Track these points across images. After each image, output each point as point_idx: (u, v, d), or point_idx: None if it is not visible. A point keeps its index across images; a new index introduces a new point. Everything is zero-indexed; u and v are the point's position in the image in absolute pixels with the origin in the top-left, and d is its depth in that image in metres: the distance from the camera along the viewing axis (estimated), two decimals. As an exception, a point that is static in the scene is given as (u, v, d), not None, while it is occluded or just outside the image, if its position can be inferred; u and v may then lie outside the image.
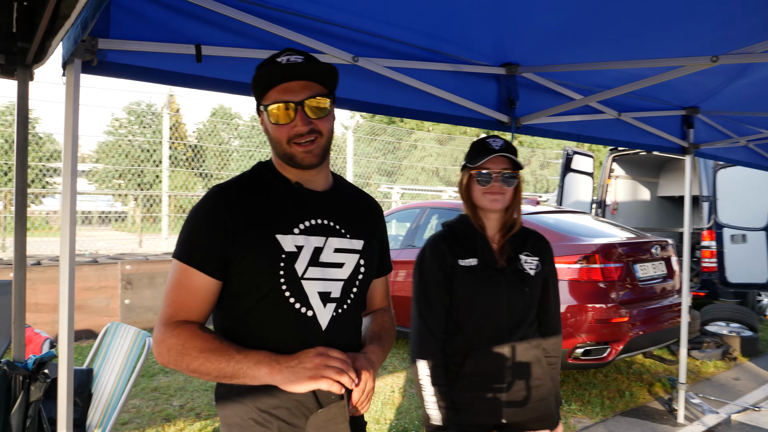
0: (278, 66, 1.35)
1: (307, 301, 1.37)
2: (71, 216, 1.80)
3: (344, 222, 1.48)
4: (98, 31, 1.89)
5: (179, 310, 1.33)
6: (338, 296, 1.42)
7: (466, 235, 2.01)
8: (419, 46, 2.70)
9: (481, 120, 3.12)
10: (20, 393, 1.86)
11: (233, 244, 1.33)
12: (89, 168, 33.33)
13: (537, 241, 2.06)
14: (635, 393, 4.98)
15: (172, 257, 1.37)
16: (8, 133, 23.12)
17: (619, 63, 2.83)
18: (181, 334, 1.29)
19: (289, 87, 1.36)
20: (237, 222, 1.34)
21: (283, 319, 1.35)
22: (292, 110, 1.35)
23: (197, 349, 1.27)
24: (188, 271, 1.33)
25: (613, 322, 4.53)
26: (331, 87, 1.42)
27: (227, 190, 1.40)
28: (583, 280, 4.61)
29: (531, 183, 34.26)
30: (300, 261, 1.37)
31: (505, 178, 1.94)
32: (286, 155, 1.39)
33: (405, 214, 6.91)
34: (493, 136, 2.02)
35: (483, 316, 1.93)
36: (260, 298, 1.35)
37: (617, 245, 4.88)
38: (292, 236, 1.37)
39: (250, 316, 1.36)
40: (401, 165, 25.77)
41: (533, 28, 2.67)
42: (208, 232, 1.34)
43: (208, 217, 1.35)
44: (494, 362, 1.92)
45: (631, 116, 3.78)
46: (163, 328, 1.32)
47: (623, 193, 9.05)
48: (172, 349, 1.28)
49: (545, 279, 2.03)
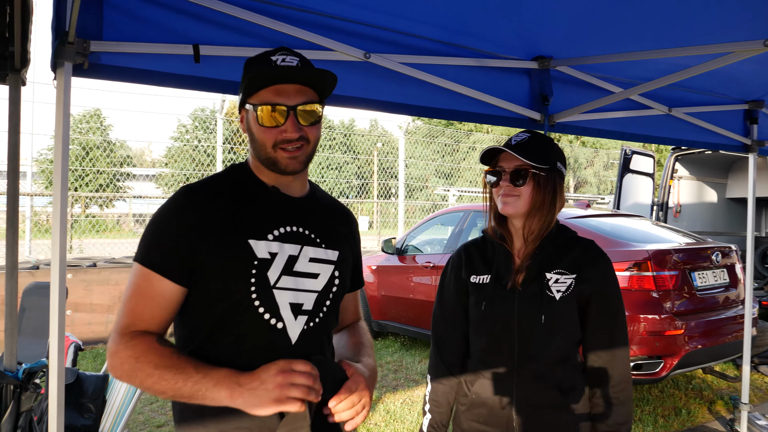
0: (274, 66, 1.29)
1: (277, 313, 1.29)
2: (62, 219, 1.75)
3: (320, 231, 1.40)
4: (90, 33, 1.84)
5: (137, 319, 1.24)
6: (310, 309, 1.33)
7: (492, 247, 1.75)
8: (439, 40, 2.54)
9: (511, 118, 2.93)
10: (11, 402, 1.85)
11: (201, 249, 1.26)
12: (157, 172, 34.75)
13: (581, 255, 1.67)
14: (693, 411, 4.61)
15: (133, 261, 1.29)
16: (83, 140, 24.45)
17: (661, 52, 2.57)
18: (137, 346, 1.20)
19: (283, 90, 1.29)
20: (206, 225, 1.27)
21: (250, 330, 1.27)
22: (283, 114, 1.28)
23: (152, 365, 1.18)
24: (150, 277, 1.25)
25: (667, 334, 4.20)
26: (324, 94, 1.37)
27: (197, 190, 1.32)
28: (634, 288, 4.30)
29: (594, 185, 33.22)
30: (273, 269, 1.29)
31: (515, 175, 1.63)
32: (269, 159, 1.32)
33: (448, 217, 6.72)
34: (521, 132, 1.74)
35: (489, 343, 1.68)
36: (228, 307, 1.27)
37: (672, 251, 4.52)
38: (265, 242, 1.30)
39: (216, 326, 1.28)
40: (459, 167, 25.51)
41: (567, 17, 2.46)
42: (173, 235, 1.26)
43: (174, 218, 1.28)
44: (499, 400, 1.64)
45: (684, 112, 3.48)
46: (118, 338, 1.22)
47: (687, 194, 8.51)
48: (125, 363, 1.20)
49: (585, 304, 1.63)
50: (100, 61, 1.90)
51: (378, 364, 5.93)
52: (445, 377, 1.76)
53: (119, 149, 30.15)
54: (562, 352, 1.62)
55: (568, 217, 5.04)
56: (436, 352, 1.80)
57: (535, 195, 1.64)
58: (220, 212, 1.29)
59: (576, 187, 34.36)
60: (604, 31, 2.55)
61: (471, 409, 1.71)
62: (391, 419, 4.46)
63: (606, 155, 29.20)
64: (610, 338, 1.64)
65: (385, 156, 21.08)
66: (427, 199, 23.64)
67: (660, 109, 3.35)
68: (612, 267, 1.71)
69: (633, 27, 2.51)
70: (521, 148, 1.64)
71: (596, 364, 1.63)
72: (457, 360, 1.76)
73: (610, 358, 1.63)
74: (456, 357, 1.76)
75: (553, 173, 1.66)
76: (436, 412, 1.77)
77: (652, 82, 2.83)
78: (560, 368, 1.62)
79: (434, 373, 1.79)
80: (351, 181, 33.87)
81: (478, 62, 2.69)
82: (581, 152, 30.54)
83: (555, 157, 1.67)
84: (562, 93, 2.96)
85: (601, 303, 1.64)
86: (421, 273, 6.31)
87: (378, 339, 7.12)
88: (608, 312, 1.66)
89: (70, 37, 1.72)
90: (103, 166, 25.10)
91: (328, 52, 2.27)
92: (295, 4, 2.13)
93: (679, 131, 3.60)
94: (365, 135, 36.25)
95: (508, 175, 1.64)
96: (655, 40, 2.60)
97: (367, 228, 24.06)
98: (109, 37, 1.89)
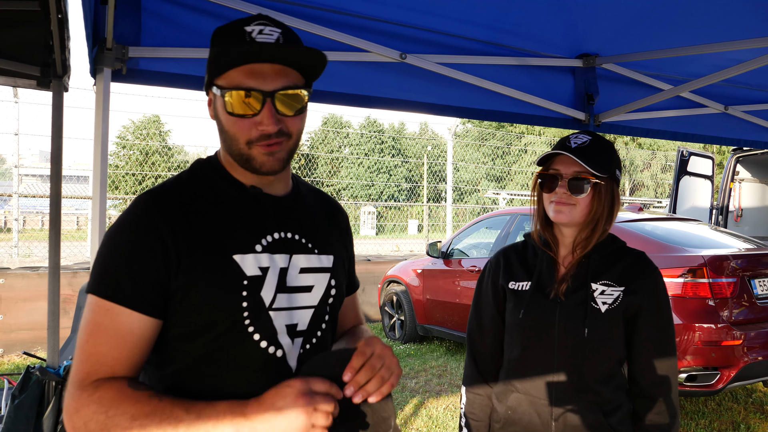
0: (248, 41, 1.02)
1: (275, 339, 1.06)
2: (101, 222, 1.80)
3: (311, 234, 1.17)
4: (129, 40, 1.89)
5: (99, 365, 0.97)
6: (305, 328, 1.11)
7: (534, 252, 1.65)
8: (478, 39, 2.50)
9: (554, 119, 2.85)
10: (53, 398, 1.91)
11: (176, 270, 1.01)
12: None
13: (631, 266, 1.55)
14: (753, 426, 4.35)
15: (86, 293, 1.02)
16: (143, 145, 25.43)
17: (713, 46, 2.44)
18: (104, 397, 0.94)
19: (259, 70, 1.02)
20: (179, 239, 1.02)
21: (246, 363, 1.04)
22: (258, 101, 1.02)
23: (128, 416, 0.92)
24: (111, 311, 0.98)
25: (724, 345, 3.98)
26: (311, 75, 1.10)
27: (162, 196, 1.06)
28: (689, 296, 4.09)
29: (651, 188, 32.11)
30: (266, 287, 1.06)
31: (574, 183, 1.50)
32: (242, 156, 1.06)
33: (495, 221, 6.61)
34: (580, 132, 1.59)
35: (525, 354, 1.57)
36: (215, 339, 1.03)
37: (730, 257, 4.29)
38: (254, 255, 1.06)
39: (201, 363, 1.04)
40: (510, 170, 25.14)
41: (612, 13, 2.37)
42: (138, 255, 1.00)
43: (137, 234, 1.01)
44: (538, 416, 1.53)
45: (742, 110, 3.30)
46: (77, 393, 0.96)
47: (749, 198, 8.10)
48: (91, 421, 0.93)
49: (632, 319, 1.52)
50: (139, 66, 1.96)
51: (422, 369, 5.90)
52: (481, 387, 1.68)
53: (177, 154, 31.21)
54: (605, 369, 1.52)
55: (619, 221, 4.86)
56: (471, 362, 1.72)
57: (592, 205, 1.52)
58: (195, 222, 1.05)
59: (632, 190, 33.27)
60: (651, 26, 2.44)
61: (506, 427, 1.61)
62: (434, 425, 4.40)
63: (664, 157, 28.19)
64: (658, 358, 1.52)
65: (435, 159, 21.00)
66: (477, 203, 23.42)
67: (715, 108, 3.19)
68: (663, 281, 1.59)
69: (681, 21, 2.40)
70: (582, 152, 1.50)
71: (642, 385, 1.53)
72: (494, 369, 1.68)
73: (658, 380, 1.52)
74: (492, 366, 1.68)
75: (612, 182, 1.54)
76: (475, 426, 1.68)
77: (703, 78, 2.69)
78: (603, 387, 1.51)
79: (470, 382, 1.71)
80: (401, 184, 33.92)
81: (520, 61, 2.63)
82: (637, 154, 29.58)
83: (615, 165, 1.55)
84: (608, 91, 2.86)
85: (651, 319, 1.53)
86: (466, 277, 6.23)
87: (423, 343, 7.07)
88: (658, 329, 1.53)
89: (109, 44, 1.78)
90: (162, 170, 26.03)
91: (362, 53, 2.26)
92: (329, 6, 2.13)
93: (738, 130, 3.43)
94: (415, 138, 36.24)
95: (566, 182, 1.51)
96: (706, 34, 2.47)
97: (417, 231, 24.04)
98: (147, 43, 1.94)
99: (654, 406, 1.50)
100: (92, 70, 1.82)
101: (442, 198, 18.14)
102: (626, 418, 1.53)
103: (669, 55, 2.60)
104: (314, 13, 2.14)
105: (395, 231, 24.43)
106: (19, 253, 9.67)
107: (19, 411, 1.86)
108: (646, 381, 1.52)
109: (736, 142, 3.49)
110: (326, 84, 2.30)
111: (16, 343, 6.62)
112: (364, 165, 36.16)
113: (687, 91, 2.90)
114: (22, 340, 6.62)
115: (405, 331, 7.11)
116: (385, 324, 7.51)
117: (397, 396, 5.09)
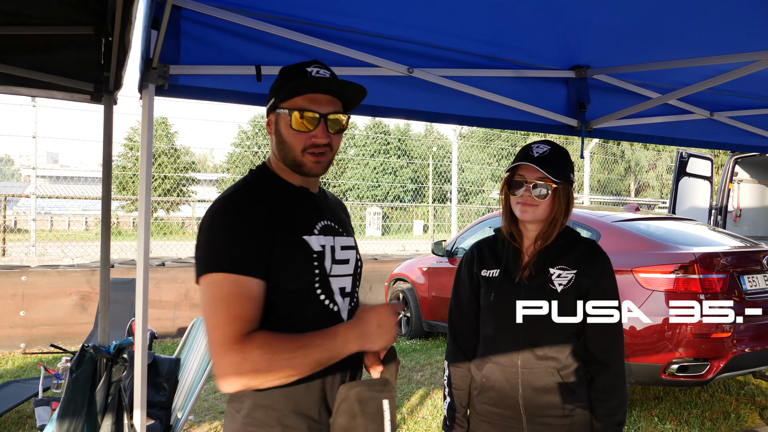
0: (311, 77, 1.39)
1: (333, 297, 1.43)
2: (146, 223, 2.05)
3: (338, 222, 1.54)
4: (169, 58, 2.14)
5: (245, 323, 1.25)
6: (350, 290, 1.49)
7: (503, 244, 1.93)
8: (478, 54, 2.72)
9: (548, 125, 3.08)
10: (104, 373, 2.17)
11: (273, 244, 1.33)
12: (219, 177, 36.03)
13: (583, 252, 1.83)
14: (743, 416, 4.58)
15: (209, 272, 1.28)
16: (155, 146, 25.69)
17: (698, 60, 2.65)
18: (264, 344, 1.24)
19: (316, 98, 1.40)
20: (272, 222, 1.34)
21: (316, 316, 1.39)
22: (314, 121, 1.39)
23: (288, 349, 1.24)
24: (238, 281, 1.27)
25: (714, 337, 4.20)
26: (350, 106, 1.48)
27: (248, 189, 1.41)
28: (680, 291, 4.32)
29: (656, 188, 32.18)
30: (327, 259, 1.42)
31: (538, 188, 1.79)
32: (296, 162, 1.41)
33: (498, 220, 6.81)
34: (541, 142, 1.87)
35: (497, 330, 1.85)
36: (296, 299, 1.37)
37: (721, 254, 4.52)
38: (315, 237, 1.42)
39: (287, 317, 1.36)
40: (515, 171, 25.19)
41: (603, 28, 2.59)
42: (249, 233, 1.30)
43: (246, 217, 1.32)
44: (507, 381, 1.82)
45: (727, 116, 3.52)
46: (237, 346, 1.22)
47: (748, 198, 8.30)
48: (260, 361, 1.22)
49: (584, 295, 1.80)
50: (178, 82, 2.21)
51: (427, 362, 6.15)
52: (462, 362, 1.95)
53: (184, 155, 31.54)
54: (562, 340, 1.79)
55: (615, 220, 5.09)
56: (452, 340, 2.01)
57: (553, 205, 1.82)
58: (275, 209, 1.37)
59: (637, 191, 33.38)
60: (640, 40, 2.65)
61: (482, 393, 1.89)
62: (438, 414, 4.64)
63: (669, 158, 28.28)
64: (606, 329, 1.80)
65: (441, 160, 21.16)
66: (482, 203, 23.56)
67: (701, 114, 3.41)
68: (610, 264, 1.87)
69: (669, 35, 2.60)
70: (543, 162, 1.79)
71: (594, 352, 1.80)
72: (473, 346, 1.94)
73: (607, 347, 1.80)
74: (471, 343, 1.95)
75: (568, 185, 1.83)
76: (456, 395, 1.95)
77: (689, 87, 2.89)
78: (560, 354, 1.78)
79: (452, 358, 1.98)
80: (406, 185, 34.11)
81: (517, 73, 2.86)
82: (642, 155, 29.66)
83: (569, 170, 1.84)
84: (599, 100, 3.08)
85: (599, 296, 1.80)
86: (470, 275, 6.45)
87: (428, 339, 7.31)
88: (605, 304, 1.81)
89: (154, 63, 2.03)
90: (169, 171, 26.35)
91: (373, 68, 2.51)
92: (344, 26, 2.38)
93: (723, 135, 3.64)
94: (420, 139, 36.41)
95: (530, 187, 1.80)
96: (692, 48, 2.68)
97: (422, 232, 24.24)
98: (185, 62, 2.19)
99: (604, 370, 1.78)
100: (140, 86, 2.07)
101: (448, 199, 18.34)
102: (582, 380, 1.80)
103: (657, 68, 2.82)
104: (330, 32, 2.38)
105: (401, 231, 24.63)
106: (36, 252, 9.96)
107: (77, 383, 2.12)
108: (597, 350, 1.80)
109: (721, 145, 3.71)
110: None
111: (38, 338, 6.89)
112: (369, 166, 36.42)
113: (674, 99, 3.12)
114: (43, 336, 6.89)
115: (411, 327, 7.36)
116: (391, 320, 7.73)
117: (404, 388, 5.34)
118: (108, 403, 2.16)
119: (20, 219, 18.86)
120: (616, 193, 23.62)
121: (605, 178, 22.94)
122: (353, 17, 2.35)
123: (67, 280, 7.14)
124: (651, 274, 4.39)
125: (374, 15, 2.34)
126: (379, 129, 39.08)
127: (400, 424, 4.43)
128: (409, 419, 4.54)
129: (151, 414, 2.66)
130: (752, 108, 3.57)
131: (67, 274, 7.22)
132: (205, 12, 2.12)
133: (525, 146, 1.90)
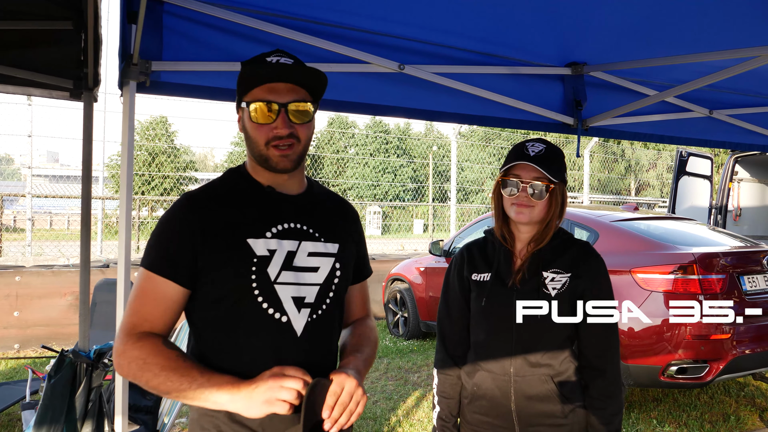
0: (267, 65, 1.32)
1: (280, 307, 1.33)
2: (127, 220, 1.99)
3: (318, 226, 1.44)
4: (152, 54, 2.08)
5: (143, 320, 1.29)
6: (313, 301, 1.38)
7: (494, 247, 1.84)
8: (471, 50, 2.67)
9: (544, 123, 3.02)
10: (84, 378, 2.11)
11: (203, 251, 1.31)
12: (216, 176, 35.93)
13: (577, 254, 1.76)
14: (743, 418, 4.52)
15: (140, 266, 1.34)
16: (150, 146, 25.69)
17: (696, 56, 2.59)
18: (144, 347, 1.25)
19: (275, 87, 1.33)
20: (206, 229, 1.32)
21: (256, 325, 1.32)
22: (274, 112, 1.32)
23: (159, 366, 1.23)
24: (154, 279, 1.30)
25: (713, 338, 4.14)
26: (316, 94, 1.40)
27: (197, 197, 1.38)
28: (679, 291, 4.26)
29: (657, 188, 32.10)
30: (272, 265, 1.34)
31: (534, 189, 1.70)
32: (262, 157, 1.36)
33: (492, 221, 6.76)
34: (535, 140, 1.79)
35: (488, 336, 1.77)
36: (232, 305, 1.32)
37: (720, 254, 4.45)
38: (264, 240, 1.34)
39: (223, 324, 1.33)
40: (515, 170, 25.12)
41: (600, 25, 2.54)
42: (175, 240, 1.31)
43: (176, 224, 1.33)
44: (499, 389, 1.74)
45: (726, 114, 3.46)
46: (125, 338, 1.28)
47: (748, 197, 8.24)
48: (132, 362, 1.25)
49: (578, 299, 1.72)
50: (161, 78, 2.15)
51: (424, 364, 6.09)
52: (451, 369, 1.87)
53: (183, 154, 31.49)
54: (556, 345, 1.71)
55: (614, 220, 5.03)
56: (441, 347, 1.91)
57: (549, 206, 1.74)
58: (219, 215, 1.34)
59: (637, 190, 33.30)
60: (638, 36, 2.60)
61: (473, 402, 1.81)
62: (434, 416, 4.59)
63: (669, 157, 28.20)
64: (602, 332, 1.73)
65: (441, 159, 21.10)
66: (482, 203, 23.50)
67: (700, 112, 3.35)
68: (605, 266, 1.80)
69: (666, 32, 2.55)
70: (541, 161, 1.70)
71: (589, 357, 1.73)
72: (462, 352, 1.86)
73: (603, 352, 1.73)
74: (461, 350, 1.87)
75: (563, 185, 1.75)
76: (445, 404, 1.87)
77: (686, 84, 2.83)
78: (554, 361, 1.71)
79: (441, 365, 1.90)
80: (406, 184, 34.05)
81: (511, 70, 2.80)
82: (643, 154, 29.59)
83: (564, 170, 1.76)
84: (596, 97, 3.02)
85: (594, 298, 1.73)
86: (467, 275, 6.39)
87: (426, 339, 7.26)
88: (600, 308, 1.73)
89: (134, 59, 1.97)
90: (168, 170, 26.29)
91: (364, 65, 2.44)
92: (333, 22, 2.32)
93: (723, 133, 3.58)
94: (420, 138, 36.35)
95: (526, 187, 1.70)
96: (691, 45, 2.62)
97: (422, 231, 24.18)
98: (168, 58, 2.13)
99: (600, 376, 1.71)
100: (120, 82, 2.01)
101: (448, 198, 18.28)
102: (577, 387, 1.73)
103: (654, 64, 2.76)
104: (319, 28, 2.32)
105: (400, 231, 24.57)
106: (32, 251, 9.90)
107: (55, 389, 2.06)
108: (592, 354, 1.72)
109: (721, 144, 3.64)
110: (331, 93, 2.47)
111: (32, 338, 6.84)
112: (369, 165, 36.35)
113: (672, 96, 3.06)
114: (38, 336, 6.84)
115: (408, 327, 7.30)
116: (389, 321, 7.69)
117: (400, 389, 5.28)
118: (88, 410, 2.11)
119: (19, 218, 18.83)
120: (616, 192, 23.57)
121: (605, 177, 22.88)
122: (344, 13, 2.30)
123: (62, 280, 7.08)
124: (650, 274, 4.33)
125: (365, 11, 2.29)
126: (379, 128, 39.03)
127: (396, 427, 4.38)
128: (404, 421, 4.48)
129: (138, 419, 2.60)
130: (752, 106, 3.52)
131: (61, 274, 7.16)
132: (189, 6, 2.06)
133: (518, 144, 1.81)
